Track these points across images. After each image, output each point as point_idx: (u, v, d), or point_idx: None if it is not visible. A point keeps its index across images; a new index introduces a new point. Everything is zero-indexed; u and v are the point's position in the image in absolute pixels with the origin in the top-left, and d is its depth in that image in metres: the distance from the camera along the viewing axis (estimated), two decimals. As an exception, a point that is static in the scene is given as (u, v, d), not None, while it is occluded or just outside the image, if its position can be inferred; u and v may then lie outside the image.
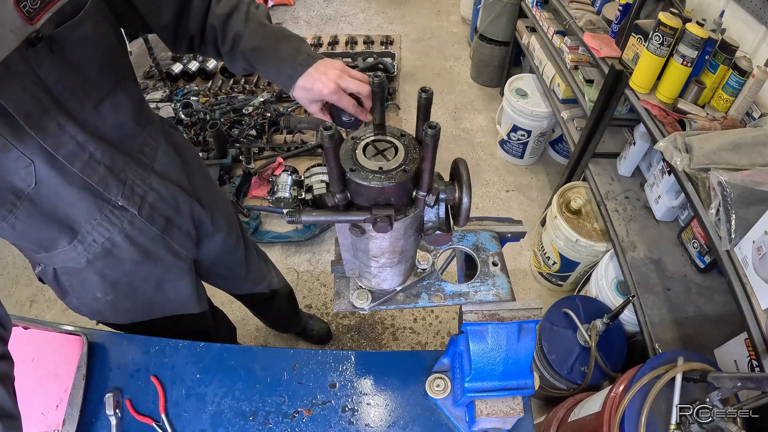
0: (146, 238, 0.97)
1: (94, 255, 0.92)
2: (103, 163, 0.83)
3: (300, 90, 0.86)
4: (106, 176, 0.84)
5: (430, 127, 0.44)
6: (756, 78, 1.41)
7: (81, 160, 0.79)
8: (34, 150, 0.72)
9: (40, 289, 2.29)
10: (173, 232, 1.03)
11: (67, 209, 0.82)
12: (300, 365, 1.00)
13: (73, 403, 0.93)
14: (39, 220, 0.80)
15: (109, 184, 0.85)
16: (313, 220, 0.52)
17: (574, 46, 2.18)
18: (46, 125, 0.72)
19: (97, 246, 0.91)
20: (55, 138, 0.74)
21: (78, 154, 0.78)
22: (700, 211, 1.30)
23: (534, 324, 0.71)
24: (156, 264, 1.03)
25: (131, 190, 0.89)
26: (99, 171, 0.82)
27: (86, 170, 0.80)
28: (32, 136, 0.71)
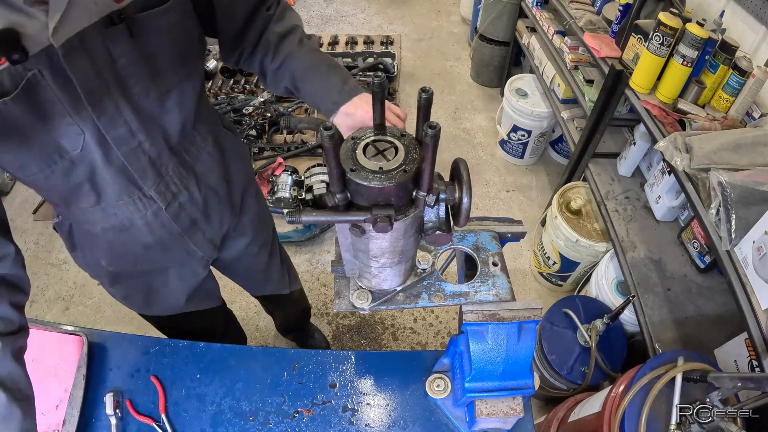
0: (166, 231, 0.97)
1: (110, 226, 0.92)
2: (148, 154, 0.83)
3: (342, 116, 0.90)
4: (146, 167, 0.85)
5: (430, 127, 0.44)
6: (756, 78, 1.41)
7: (128, 146, 0.79)
8: (88, 124, 0.73)
9: (40, 289, 2.29)
10: (196, 234, 1.03)
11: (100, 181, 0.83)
12: (300, 365, 1.00)
13: (73, 403, 0.93)
14: (72, 180, 0.81)
15: (146, 175, 0.85)
16: (313, 220, 0.52)
17: (574, 46, 2.18)
18: (105, 105, 0.73)
19: (116, 220, 0.91)
20: (110, 119, 0.74)
21: (127, 140, 0.79)
22: (701, 211, 1.30)
23: (534, 324, 0.71)
24: (167, 256, 1.04)
25: (166, 186, 0.90)
26: (142, 160, 0.83)
27: (129, 156, 0.81)
28: (89, 112, 0.71)
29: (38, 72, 0.64)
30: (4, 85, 0.63)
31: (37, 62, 0.64)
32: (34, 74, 0.64)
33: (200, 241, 1.05)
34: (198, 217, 1.00)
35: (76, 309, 2.23)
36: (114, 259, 1.00)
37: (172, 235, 0.98)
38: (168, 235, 0.97)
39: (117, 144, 0.78)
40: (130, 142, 0.79)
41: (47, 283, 2.32)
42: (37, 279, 2.33)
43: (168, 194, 0.91)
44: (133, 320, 2.18)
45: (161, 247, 1.00)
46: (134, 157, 0.82)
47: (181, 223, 0.97)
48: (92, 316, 2.21)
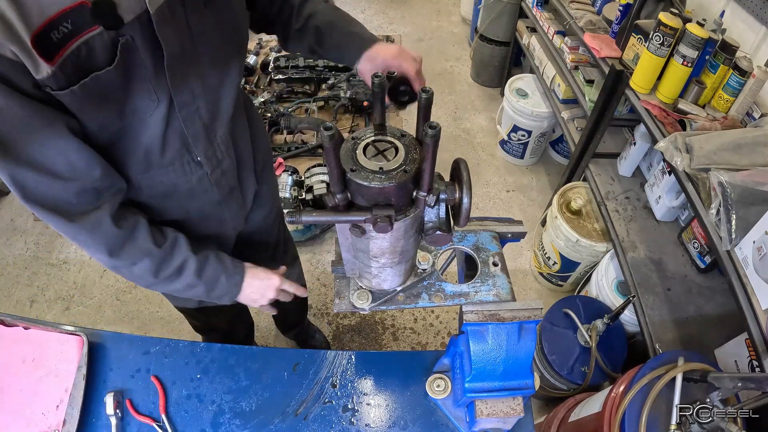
0: (207, 198, 1.00)
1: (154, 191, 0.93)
2: (203, 120, 0.87)
3: (365, 61, 0.97)
4: (199, 132, 0.88)
5: (431, 127, 0.44)
6: (756, 78, 1.41)
7: (188, 110, 0.83)
8: (162, 88, 0.76)
9: (40, 289, 2.30)
10: (231, 202, 1.06)
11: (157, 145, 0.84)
12: (300, 365, 1.00)
13: (73, 403, 0.93)
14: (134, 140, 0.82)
15: (199, 139, 0.88)
16: (313, 221, 0.52)
17: (575, 46, 2.18)
18: (179, 71, 0.76)
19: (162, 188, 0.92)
20: (180, 82, 0.78)
21: (188, 104, 0.82)
22: (701, 211, 1.30)
23: (534, 324, 0.71)
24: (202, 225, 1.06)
25: (213, 152, 0.93)
26: (197, 124, 0.86)
27: (187, 120, 0.84)
28: (165, 76, 0.74)
29: (131, 38, 0.67)
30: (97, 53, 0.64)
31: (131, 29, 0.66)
32: (127, 40, 0.66)
33: (234, 210, 1.09)
34: (234, 184, 1.04)
35: (76, 309, 2.23)
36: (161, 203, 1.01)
37: (211, 202, 1.01)
38: (207, 202, 1.00)
39: (179, 106, 0.81)
40: (191, 105, 0.83)
41: (47, 283, 2.32)
42: (37, 279, 2.33)
43: (214, 160, 0.94)
44: (134, 320, 2.19)
45: (199, 214, 1.02)
46: (191, 121, 0.85)
47: (221, 189, 1.00)
48: (92, 316, 2.21)
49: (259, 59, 3.51)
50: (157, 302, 2.23)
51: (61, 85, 0.64)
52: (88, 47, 0.63)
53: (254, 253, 1.45)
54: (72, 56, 0.62)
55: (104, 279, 2.33)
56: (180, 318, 2.16)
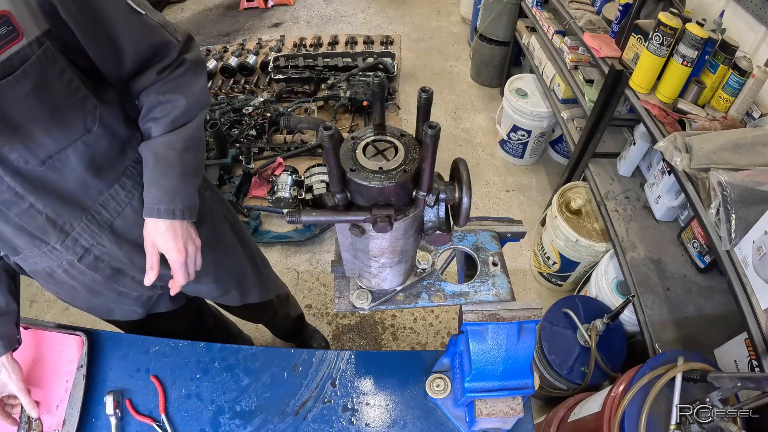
0: (88, 278, 0.94)
1: (34, 271, 0.92)
2: (44, 213, 0.80)
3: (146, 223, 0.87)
4: (45, 225, 0.81)
5: (430, 127, 0.44)
6: (756, 78, 1.41)
7: (19, 208, 0.77)
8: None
9: (40, 289, 2.29)
10: (122, 279, 0.98)
11: (6, 236, 0.81)
12: (300, 365, 1.00)
13: (73, 403, 0.92)
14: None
15: (47, 233, 0.82)
16: (313, 220, 0.52)
17: (574, 46, 2.18)
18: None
19: (39, 267, 0.90)
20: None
21: (15, 203, 0.76)
22: (700, 211, 1.30)
23: (534, 324, 0.71)
24: (97, 296, 1.02)
25: (74, 241, 0.86)
26: (38, 220, 0.80)
27: (24, 217, 0.78)
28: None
29: None
30: None
31: None
32: None
33: (130, 285, 1.01)
34: (122, 266, 0.96)
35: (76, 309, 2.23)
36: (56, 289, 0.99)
37: (95, 281, 0.95)
38: (91, 281, 0.95)
39: (6, 207, 0.75)
40: (20, 204, 0.76)
41: (47, 283, 2.32)
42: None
43: (78, 248, 0.87)
44: (133, 320, 2.19)
45: (89, 290, 0.98)
46: (29, 218, 0.78)
47: (101, 272, 0.93)
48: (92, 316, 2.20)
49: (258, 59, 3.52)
50: (156, 302, 2.23)
51: None
52: None
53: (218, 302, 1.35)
54: None
55: (104, 279, 2.33)
56: (180, 318, 2.16)
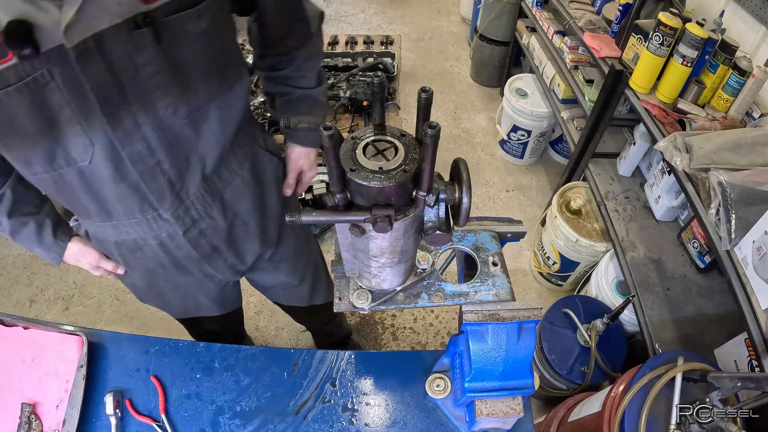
0: (182, 254, 0.91)
1: (122, 241, 0.87)
2: (168, 175, 0.75)
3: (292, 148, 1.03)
4: (164, 188, 0.76)
5: (430, 127, 0.44)
6: (756, 78, 1.41)
7: (145, 165, 0.72)
8: (99, 135, 0.65)
9: (39, 289, 2.29)
10: (216, 261, 0.96)
11: (110, 197, 0.76)
12: (300, 365, 1.00)
13: (73, 403, 0.92)
14: (80, 189, 0.74)
15: (163, 197, 0.78)
16: (313, 220, 0.52)
17: (574, 46, 2.18)
18: (121, 117, 0.65)
19: (129, 238, 0.85)
20: (126, 133, 0.67)
21: (144, 158, 0.71)
22: (700, 211, 1.30)
23: (534, 324, 0.71)
24: (183, 276, 0.98)
25: (185, 210, 0.82)
26: (159, 181, 0.75)
27: (146, 176, 0.73)
28: (103, 122, 0.64)
29: (47, 72, 0.58)
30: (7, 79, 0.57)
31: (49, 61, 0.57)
32: (43, 74, 0.58)
33: (220, 267, 0.99)
34: (220, 245, 0.93)
35: (76, 309, 2.23)
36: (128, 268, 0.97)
37: (188, 258, 0.92)
38: (184, 258, 0.92)
39: (132, 161, 0.70)
40: (148, 160, 0.72)
41: (47, 283, 2.32)
42: (37, 279, 2.33)
43: (187, 219, 0.84)
44: (133, 320, 2.19)
45: (177, 268, 0.95)
46: (151, 177, 0.74)
47: (200, 249, 0.90)
48: (92, 316, 2.20)
49: (258, 59, 3.52)
50: (156, 302, 2.23)
51: None
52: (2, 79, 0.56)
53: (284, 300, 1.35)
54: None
55: (104, 279, 2.33)
56: (180, 318, 2.16)
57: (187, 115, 0.71)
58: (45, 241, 0.90)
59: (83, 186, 0.73)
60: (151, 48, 0.62)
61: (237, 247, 0.96)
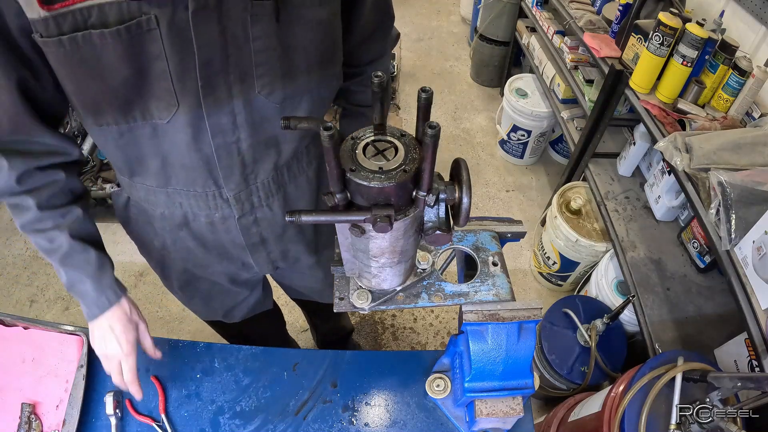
0: (229, 239, 0.88)
1: (170, 214, 0.83)
2: (243, 155, 0.72)
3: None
4: (234, 169, 0.73)
5: (430, 127, 0.44)
6: (756, 78, 1.41)
7: (224, 139, 0.69)
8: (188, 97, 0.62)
9: (39, 289, 2.29)
10: (259, 252, 0.93)
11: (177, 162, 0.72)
12: (300, 365, 1.00)
13: (73, 403, 0.92)
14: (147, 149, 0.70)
15: (231, 177, 0.74)
16: (313, 220, 0.52)
17: (574, 46, 2.18)
18: (217, 84, 0.62)
19: (179, 212, 0.82)
20: (215, 102, 0.64)
21: (225, 132, 0.68)
22: (700, 211, 1.30)
23: (534, 324, 0.71)
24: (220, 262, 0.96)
25: (247, 196, 0.80)
26: (233, 159, 0.72)
27: (221, 150, 0.70)
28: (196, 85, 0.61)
29: (154, 18, 0.54)
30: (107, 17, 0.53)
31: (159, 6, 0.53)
32: (149, 19, 0.54)
33: (261, 260, 0.96)
34: (269, 237, 0.90)
35: (76, 309, 2.23)
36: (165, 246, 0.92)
37: (233, 243, 0.89)
38: (229, 242, 0.89)
39: (213, 131, 0.67)
40: (229, 135, 0.69)
41: (47, 283, 2.32)
42: (37, 279, 2.33)
43: (247, 204, 0.81)
44: (133, 320, 2.19)
45: (219, 252, 0.92)
46: (226, 153, 0.70)
47: (249, 237, 0.88)
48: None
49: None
50: (157, 302, 2.23)
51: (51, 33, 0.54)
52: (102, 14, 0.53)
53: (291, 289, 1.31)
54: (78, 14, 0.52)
55: (104, 279, 2.33)
56: (180, 318, 2.16)
57: (281, 100, 0.69)
58: (103, 280, 0.80)
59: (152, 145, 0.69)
60: (268, 23, 0.60)
61: (284, 245, 0.94)
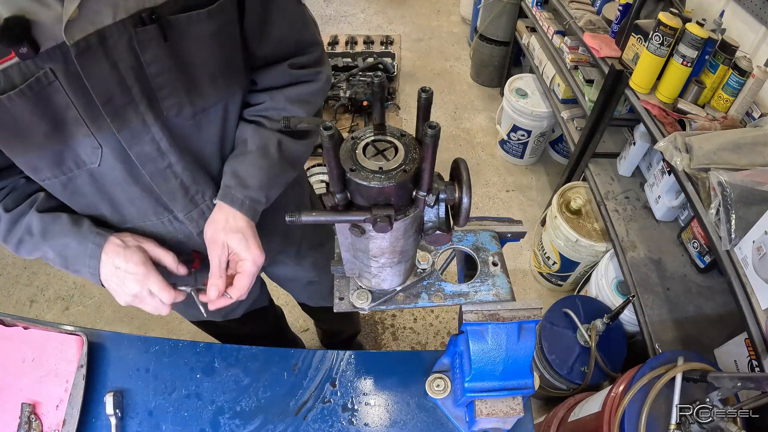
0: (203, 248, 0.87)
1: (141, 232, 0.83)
2: (180, 178, 0.73)
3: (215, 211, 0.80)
4: (176, 191, 0.74)
5: (430, 127, 0.44)
6: (756, 78, 1.41)
7: (155, 167, 0.70)
8: (107, 137, 0.64)
9: (39, 289, 2.29)
10: None
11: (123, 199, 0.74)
12: (300, 365, 1.00)
13: (73, 403, 0.92)
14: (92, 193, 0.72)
15: (176, 199, 0.76)
16: (313, 220, 0.52)
17: (574, 46, 2.18)
18: (128, 117, 0.63)
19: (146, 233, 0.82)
20: (134, 134, 0.65)
21: (154, 160, 0.69)
22: (700, 211, 1.30)
23: (534, 324, 0.71)
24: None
25: (200, 213, 0.80)
26: (172, 184, 0.73)
27: (157, 178, 0.71)
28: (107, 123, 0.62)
29: (51, 71, 0.56)
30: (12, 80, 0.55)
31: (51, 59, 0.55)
32: (46, 73, 0.56)
33: None
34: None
35: (76, 309, 2.23)
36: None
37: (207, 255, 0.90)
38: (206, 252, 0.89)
39: (142, 162, 0.69)
40: (159, 162, 0.70)
41: (47, 283, 2.32)
42: (36, 279, 2.33)
43: (201, 221, 0.81)
44: (133, 320, 2.19)
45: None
46: (163, 179, 0.72)
47: None
48: (92, 316, 2.21)
49: (258, 59, 3.52)
50: (156, 302, 2.23)
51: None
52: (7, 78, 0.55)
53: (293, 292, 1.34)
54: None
55: (104, 279, 2.33)
56: (180, 318, 2.16)
57: (191, 116, 0.70)
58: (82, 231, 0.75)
59: (95, 189, 0.71)
60: (157, 46, 0.60)
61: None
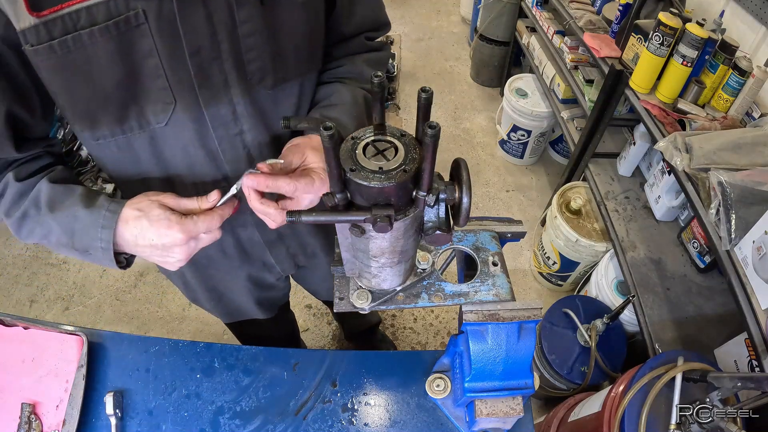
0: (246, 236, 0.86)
1: None
2: (248, 148, 0.71)
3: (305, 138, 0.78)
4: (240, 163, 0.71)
5: (430, 127, 0.44)
6: (756, 78, 1.41)
7: (226, 131, 0.67)
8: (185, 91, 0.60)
9: (39, 289, 2.29)
10: (278, 248, 0.92)
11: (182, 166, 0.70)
12: (300, 365, 1.00)
13: (73, 403, 0.92)
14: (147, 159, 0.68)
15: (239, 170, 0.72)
16: (313, 220, 0.52)
17: (574, 46, 2.18)
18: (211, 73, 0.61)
19: None
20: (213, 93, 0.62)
21: (227, 124, 0.66)
22: (700, 211, 1.30)
23: (534, 324, 0.71)
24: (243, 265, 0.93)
25: None
26: (239, 152, 0.70)
27: (224, 143, 0.68)
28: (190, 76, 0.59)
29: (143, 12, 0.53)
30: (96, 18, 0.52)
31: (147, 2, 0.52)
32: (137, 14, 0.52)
33: (281, 256, 0.95)
34: (286, 232, 0.89)
35: (76, 309, 2.23)
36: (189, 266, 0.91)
37: (252, 242, 0.88)
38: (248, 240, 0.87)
39: (214, 124, 0.65)
40: (231, 127, 0.67)
41: (47, 283, 2.32)
42: (36, 279, 2.33)
43: None
44: (133, 320, 2.19)
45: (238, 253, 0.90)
46: (229, 145, 0.69)
47: (265, 233, 0.86)
48: (92, 316, 2.21)
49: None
50: (156, 302, 2.23)
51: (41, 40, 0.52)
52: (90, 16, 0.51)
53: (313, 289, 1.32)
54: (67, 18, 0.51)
55: (104, 279, 2.33)
56: (180, 318, 2.16)
57: (272, 85, 0.68)
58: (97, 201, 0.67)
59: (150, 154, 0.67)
60: (253, 6, 0.59)
61: (302, 238, 0.93)
